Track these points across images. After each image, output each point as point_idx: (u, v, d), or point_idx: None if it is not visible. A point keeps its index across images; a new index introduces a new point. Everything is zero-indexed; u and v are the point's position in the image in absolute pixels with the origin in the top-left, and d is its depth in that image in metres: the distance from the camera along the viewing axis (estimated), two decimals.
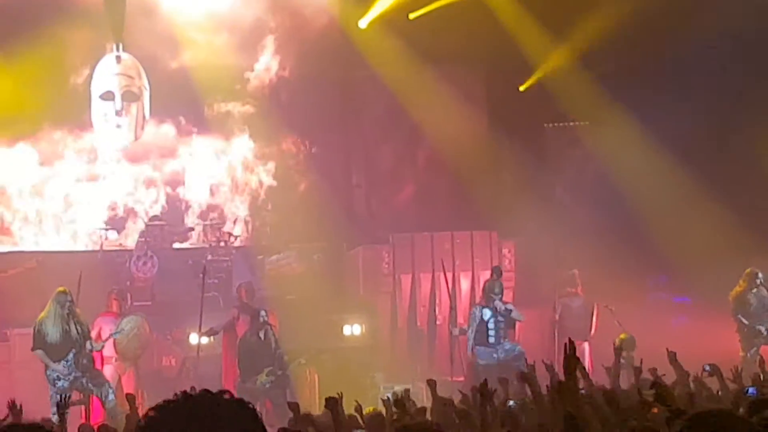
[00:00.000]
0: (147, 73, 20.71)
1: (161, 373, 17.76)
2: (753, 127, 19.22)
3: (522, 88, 21.17)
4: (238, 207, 21.51)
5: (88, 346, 14.92)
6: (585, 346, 18.02)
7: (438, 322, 19.52)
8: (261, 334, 16.10)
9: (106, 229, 20.37)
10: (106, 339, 15.69)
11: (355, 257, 20.41)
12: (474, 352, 17.27)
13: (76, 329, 14.80)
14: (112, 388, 15.01)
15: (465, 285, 19.89)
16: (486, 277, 18.13)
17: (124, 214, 20.96)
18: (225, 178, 21.53)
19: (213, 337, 17.12)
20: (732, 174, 19.62)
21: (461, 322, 18.20)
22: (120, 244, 20.48)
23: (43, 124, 20.52)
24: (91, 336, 15.23)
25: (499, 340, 17.17)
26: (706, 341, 16.35)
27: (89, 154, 21.07)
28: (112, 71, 20.62)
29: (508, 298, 18.44)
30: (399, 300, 19.91)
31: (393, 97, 21.07)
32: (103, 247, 20.06)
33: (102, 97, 20.57)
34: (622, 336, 17.13)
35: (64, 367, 14.66)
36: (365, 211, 21.69)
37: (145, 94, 20.71)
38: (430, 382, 10.38)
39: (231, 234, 20.70)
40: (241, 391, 15.01)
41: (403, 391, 11.53)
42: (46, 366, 14.73)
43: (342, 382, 14.26)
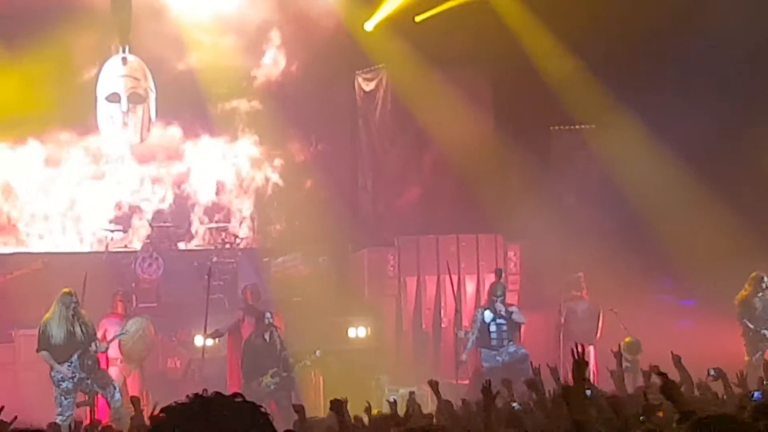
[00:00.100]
0: (153, 74, 20.71)
1: (166, 375, 17.76)
2: (759, 130, 19.18)
3: (526, 92, 21.15)
4: (244, 209, 21.50)
5: (93, 348, 14.93)
6: (590, 349, 17.99)
7: (443, 325, 19.52)
8: (266, 336, 16.09)
9: (111, 231, 20.37)
10: (111, 340, 15.71)
11: (360, 260, 20.40)
12: (479, 355, 17.26)
13: (81, 330, 14.80)
14: (117, 387, 15.01)
15: (470, 288, 19.88)
16: (491, 280, 18.11)
17: (130, 216, 20.94)
18: (231, 180, 21.50)
19: (218, 339, 17.10)
20: (737, 177, 19.60)
21: (466, 325, 18.18)
22: (125, 245, 20.47)
23: (50, 124, 20.50)
24: (97, 337, 15.24)
25: (502, 343, 17.12)
26: (711, 345, 16.33)
27: (95, 155, 21.07)
28: (118, 73, 20.63)
29: (513, 301, 18.44)
30: (404, 302, 19.90)
31: (399, 99, 21.08)
32: (109, 249, 20.07)
33: (108, 98, 20.58)
34: (627, 339, 17.12)
35: (68, 368, 14.66)
36: (371, 213, 21.67)
37: (151, 96, 20.71)
38: (432, 383, 10.38)
39: (236, 236, 20.72)
40: (245, 392, 14.97)
41: (408, 393, 11.54)
42: (51, 367, 14.74)
43: (347, 385, 14.30)
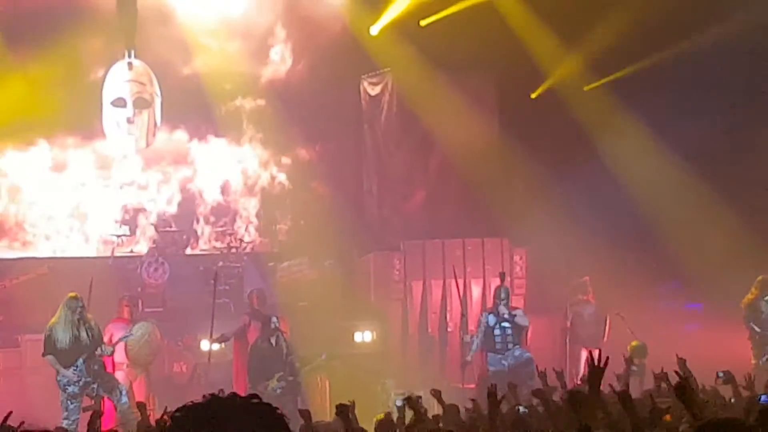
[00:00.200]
0: (159, 79, 20.73)
1: (172, 380, 17.76)
2: (766, 133, 19.16)
3: (533, 95, 21.13)
4: (250, 208, 21.49)
5: (98, 351, 14.92)
6: (596, 354, 17.92)
7: (449, 329, 19.49)
8: (272, 341, 16.07)
9: (118, 236, 20.38)
10: (116, 342, 15.69)
11: (366, 264, 20.40)
12: (485, 359, 17.23)
13: (87, 335, 14.79)
14: (124, 391, 14.98)
15: (476, 292, 19.86)
16: (497, 284, 18.09)
17: (136, 220, 20.95)
18: (236, 184, 21.52)
19: (224, 343, 17.11)
20: (744, 181, 19.57)
21: (472, 329, 18.14)
22: (131, 250, 20.48)
23: (57, 129, 20.53)
24: (104, 341, 15.23)
25: (507, 346, 17.01)
26: (718, 349, 16.30)
27: (102, 160, 21.08)
28: (124, 78, 20.65)
29: (519, 305, 18.42)
30: (410, 307, 19.89)
31: (405, 103, 21.08)
32: (115, 254, 20.08)
33: (113, 103, 20.60)
34: (634, 343, 17.09)
35: (73, 372, 14.65)
36: (376, 217, 21.66)
37: (157, 101, 20.73)
38: (434, 393, 10.34)
39: (242, 240, 20.72)
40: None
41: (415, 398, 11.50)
42: (57, 371, 14.74)
43: (353, 389, 14.24)
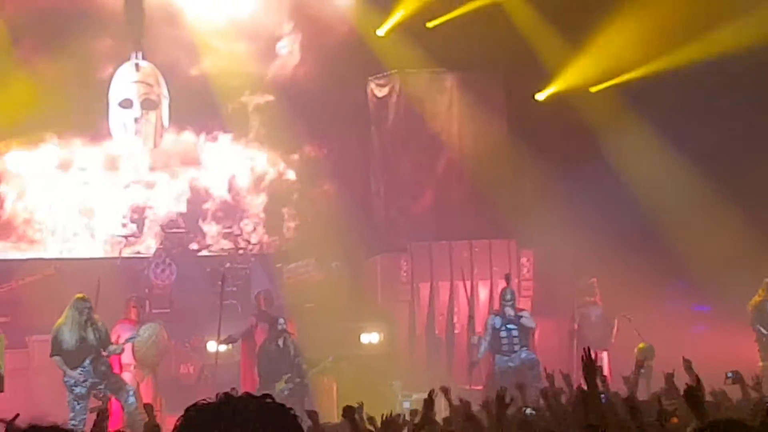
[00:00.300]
0: (167, 80, 20.75)
1: (179, 381, 17.77)
2: None
3: (541, 98, 21.12)
4: (257, 204, 21.48)
5: (108, 350, 14.92)
6: (604, 355, 17.95)
7: (456, 331, 19.48)
8: (280, 342, 16.08)
9: (125, 236, 20.40)
10: (123, 343, 15.68)
11: (373, 265, 20.40)
12: (493, 361, 17.22)
13: (94, 336, 14.79)
14: (131, 391, 14.97)
15: (483, 294, 19.85)
16: (504, 285, 18.08)
17: (143, 220, 20.96)
18: (244, 182, 21.52)
19: (231, 344, 17.11)
20: (752, 182, 19.53)
21: (479, 330, 18.14)
22: (138, 252, 20.50)
23: (65, 128, 20.55)
24: (111, 342, 15.23)
25: (513, 348, 16.97)
26: (725, 350, 16.29)
27: (109, 159, 21.09)
28: (131, 79, 20.67)
29: (526, 307, 18.40)
30: (417, 308, 19.89)
31: (412, 105, 21.08)
32: (122, 254, 20.10)
33: (121, 104, 20.63)
34: (641, 345, 17.09)
35: (80, 373, 14.66)
36: (383, 219, 21.65)
37: (164, 102, 20.75)
38: (444, 389, 10.34)
39: (249, 241, 20.74)
40: None
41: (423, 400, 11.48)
42: (64, 372, 14.75)
43: (360, 391, 14.26)
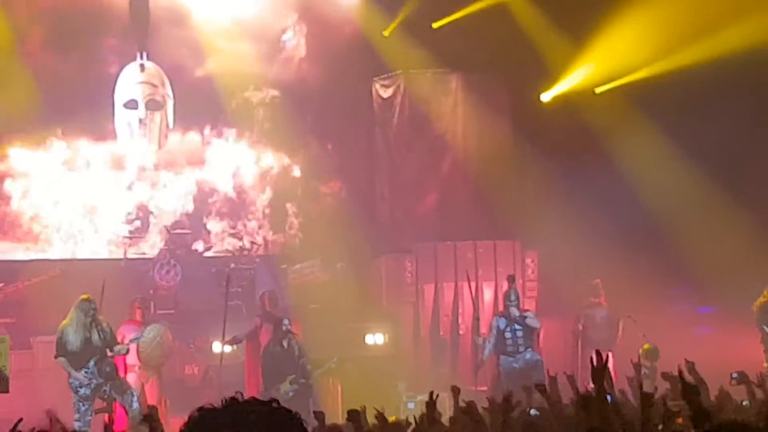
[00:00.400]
0: (172, 80, 20.76)
1: (184, 382, 17.77)
2: None
3: (546, 99, 21.12)
4: (262, 203, 21.48)
5: (113, 350, 14.92)
6: (608, 356, 17.90)
7: (461, 332, 19.49)
8: (284, 343, 16.07)
9: (130, 237, 20.40)
10: (128, 344, 15.68)
11: (378, 267, 20.39)
12: (498, 362, 17.22)
13: (99, 337, 14.78)
14: (135, 395, 14.99)
15: (488, 295, 19.84)
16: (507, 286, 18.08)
17: (148, 221, 20.97)
18: (248, 179, 21.51)
19: (236, 345, 17.11)
20: (757, 184, 19.51)
21: (484, 331, 18.12)
22: (143, 253, 20.50)
23: (70, 131, 20.56)
24: (117, 342, 15.23)
25: (518, 349, 16.97)
26: (730, 352, 16.27)
27: (114, 161, 21.10)
28: (136, 80, 20.68)
29: (531, 307, 18.41)
30: (422, 309, 19.89)
31: (417, 106, 21.08)
32: (127, 255, 20.11)
33: (126, 105, 20.63)
34: (646, 346, 17.07)
35: (84, 375, 14.65)
36: (388, 220, 21.64)
37: (169, 103, 20.75)
38: (454, 389, 10.33)
39: (254, 242, 20.74)
40: (264, 399, 14.94)
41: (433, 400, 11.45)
42: (69, 374, 14.75)
43: (365, 392, 14.26)
